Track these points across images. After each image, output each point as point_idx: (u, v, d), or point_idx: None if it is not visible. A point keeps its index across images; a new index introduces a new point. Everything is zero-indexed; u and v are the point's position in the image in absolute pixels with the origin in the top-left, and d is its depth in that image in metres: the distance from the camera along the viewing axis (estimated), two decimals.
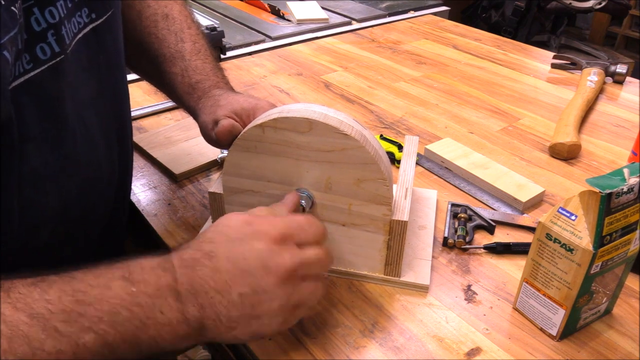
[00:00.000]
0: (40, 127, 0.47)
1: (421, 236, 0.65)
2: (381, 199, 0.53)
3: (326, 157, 0.52)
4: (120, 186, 0.63)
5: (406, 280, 0.58)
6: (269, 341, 0.52)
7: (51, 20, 0.47)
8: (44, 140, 0.48)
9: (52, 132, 0.49)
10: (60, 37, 0.48)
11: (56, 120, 0.49)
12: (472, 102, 1.01)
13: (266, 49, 1.26)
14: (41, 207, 0.50)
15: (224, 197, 0.58)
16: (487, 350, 0.52)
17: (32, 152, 0.47)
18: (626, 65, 1.08)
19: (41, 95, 0.47)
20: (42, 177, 0.49)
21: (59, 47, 0.48)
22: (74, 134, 0.52)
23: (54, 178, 0.51)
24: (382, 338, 0.53)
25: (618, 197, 0.46)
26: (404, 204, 0.56)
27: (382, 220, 0.55)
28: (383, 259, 0.57)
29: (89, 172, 0.55)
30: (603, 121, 0.95)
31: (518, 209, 0.71)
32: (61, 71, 0.49)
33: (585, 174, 0.80)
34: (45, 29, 0.46)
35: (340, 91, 1.04)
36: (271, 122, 0.52)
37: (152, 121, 0.92)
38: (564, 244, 0.49)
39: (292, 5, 1.50)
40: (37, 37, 0.45)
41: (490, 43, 1.31)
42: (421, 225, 0.66)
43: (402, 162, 0.64)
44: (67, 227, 0.55)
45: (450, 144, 0.83)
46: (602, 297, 0.53)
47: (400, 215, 0.55)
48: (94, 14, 0.54)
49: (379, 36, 1.35)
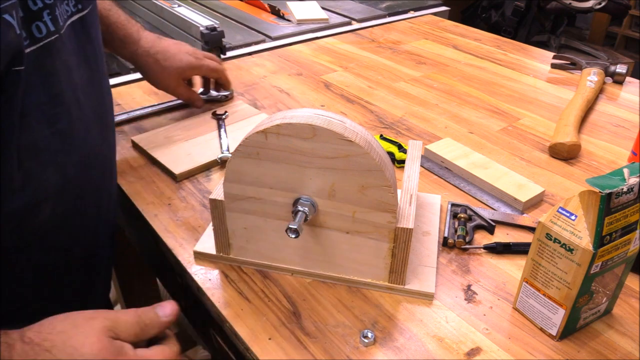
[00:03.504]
0: (37, 101, 0.49)
1: (425, 242, 0.64)
2: (386, 206, 0.53)
3: (330, 163, 0.51)
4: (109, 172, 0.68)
5: (411, 288, 0.57)
6: (269, 341, 0.52)
7: (47, 0, 0.49)
8: (42, 114, 0.50)
9: (48, 106, 0.51)
10: (55, 18, 0.50)
11: (52, 96, 0.51)
12: (472, 102, 1.01)
13: (266, 49, 1.26)
14: (42, 182, 0.52)
15: (225, 204, 0.57)
16: (487, 350, 0.52)
17: (30, 125, 0.49)
18: (626, 65, 1.08)
19: (37, 70, 0.48)
20: (40, 151, 0.51)
21: (54, 27, 0.50)
22: (69, 112, 0.54)
23: (52, 153, 0.53)
24: (382, 338, 0.53)
25: (618, 197, 0.46)
26: (409, 210, 0.56)
27: (387, 228, 0.54)
28: (388, 266, 0.57)
29: (84, 152, 0.58)
30: (603, 121, 0.95)
31: (518, 209, 0.71)
32: (56, 50, 0.51)
33: (585, 174, 0.80)
34: (42, 8, 0.48)
35: (340, 91, 1.04)
36: (274, 128, 0.51)
37: (152, 121, 0.92)
38: (564, 244, 0.49)
39: (292, 5, 1.50)
40: (33, 15, 0.47)
41: (490, 43, 1.31)
42: (425, 232, 0.66)
43: (406, 168, 0.63)
44: (65, 207, 0.57)
45: (450, 144, 0.84)
46: (602, 297, 0.53)
47: (406, 223, 0.54)
48: (80, 5, 0.57)
49: (379, 36, 1.35)
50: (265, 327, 0.54)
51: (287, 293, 0.58)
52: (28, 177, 0.50)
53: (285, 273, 0.60)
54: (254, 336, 0.53)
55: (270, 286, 0.59)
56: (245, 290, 0.58)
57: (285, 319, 0.55)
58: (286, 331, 0.53)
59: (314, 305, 0.56)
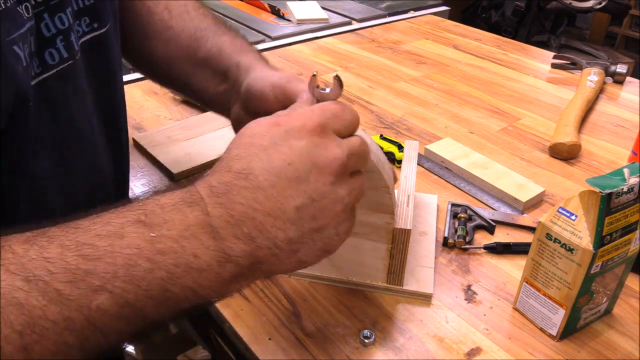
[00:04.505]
0: (48, 130, 0.48)
1: (423, 243, 0.64)
2: (384, 207, 0.52)
3: None
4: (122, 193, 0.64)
5: (409, 288, 0.57)
6: (269, 341, 0.52)
7: (61, 26, 0.47)
8: (51, 141, 0.49)
9: (59, 136, 0.49)
10: (69, 44, 0.49)
11: (62, 123, 0.50)
12: (472, 102, 1.01)
13: (266, 49, 1.26)
14: (46, 211, 0.50)
15: None
16: (487, 350, 0.52)
17: (39, 154, 0.47)
18: (626, 65, 1.08)
19: (49, 99, 0.47)
20: (48, 180, 0.50)
21: (67, 53, 0.48)
22: (80, 138, 0.53)
23: (60, 182, 0.51)
24: (382, 338, 0.53)
25: (618, 197, 0.46)
26: (407, 211, 0.55)
27: (385, 229, 0.54)
28: (386, 267, 0.56)
29: (94, 178, 0.56)
30: (603, 121, 0.95)
31: (518, 209, 0.71)
32: (68, 77, 0.49)
33: (585, 174, 0.80)
34: (55, 35, 0.47)
35: None
36: None
37: (152, 121, 0.92)
38: (564, 244, 0.49)
39: (292, 5, 1.50)
40: (46, 42, 0.46)
41: (490, 43, 1.31)
42: (422, 232, 0.65)
43: (403, 168, 0.63)
44: None
45: (450, 144, 0.83)
46: (602, 297, 0.53)
47: (404, 224, 0.54)
48: (95, 24, 0.55)
49: (379, 36, 1.35)
50: (265, 327, 0.54)
51: (287, 293, 0.58)
52: (34, 204, 0.48)
53: (283, 274, 0.60)
54: (254, 336, 0.53)
55: (270, 286, 0.59)
56: (245, 290, 0.58)
57: (285, 319, 0.55)
58: (286, 331, 0.53)
59: (314, 305, 0.56)
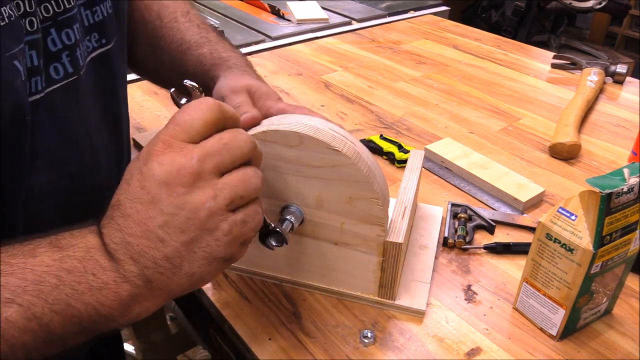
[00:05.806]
0: (50, 145, 0.48)
1: (421, 257, 0.62)
2: (374, 219, 0.51)
3: (316, 172, 0.50)
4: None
5: (401, 304, 0.55)
6: (269, 341, 0.52)
7: (67, 41, 0.48)
8: (51, 156, 0.49)
9: (59, 149, 0.49)
10: (75, 59, 0.49)
11: (64, 139, 0.50)
12: (472, 102, 1.01)
13: (266, 49, 1.26)
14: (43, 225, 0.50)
15: None
16: (487, 350, 0.52)
17: (39, 168, 0.47)
18: (626, 65, 1.08)
19: (52, 113, 0.47)
20: (47, 195, 0.49)
21: (72, 68, 0.49)
22: (81, 154, 0.53)
23: (59, 197, 0.51)
24: (382, 338, 0.53)
25: (618, 197, 0.46)
26: (401, 224, 0.54)
27: (376, 241, 0.52)
28: (377, 280, 0.55)
29: (94, 194, 0.55)
30: (603, 121, 0.95)
31: (518, 209, 0.71)
32: (73, 92, 0.49)
33: (585, 174, 0.80)
34: (60, 50, 0.47)
35: (340, 91, 1.04)
36: (260, 135, 0.49)
37: (152, 121, 0.92)
38: (564, 244, 0.49)
39: (292, 5, 1.50)
40: (52, 57, 0.46)
41: (490, 43, 1.31)
42: (422, 245, 0.63)
43: (404, 179, 0.61)
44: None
45: (450, 144, 0.83)
46: (602, 297, 0.53)
47: (396, 237, 0.52)
48: (103, 40, 0.55)
49: (379, 36, 1.35)
50: (265, 327, 0.54)
51: (287, 293, 0.58)
52: (31, 219, 0.48)
53: (274, 281, 0.59)
54: (254, 336, 0.53)
55: (270, 286, 0.59)
56: (245, 290, 0.58)
57: (285, 319, 0.55)
58: (286, 331, 0.53)
59: (314, 305, 0.56)
